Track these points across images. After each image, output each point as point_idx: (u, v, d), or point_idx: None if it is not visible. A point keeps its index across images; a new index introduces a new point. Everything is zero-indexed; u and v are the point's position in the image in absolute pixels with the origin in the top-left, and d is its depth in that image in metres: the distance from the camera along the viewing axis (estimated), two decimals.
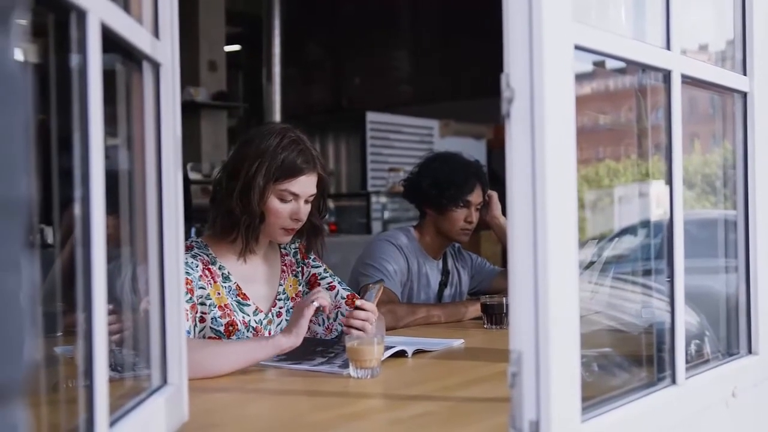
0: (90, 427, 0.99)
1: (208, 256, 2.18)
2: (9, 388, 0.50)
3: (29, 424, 0.56)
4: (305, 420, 1.54)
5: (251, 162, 2.13)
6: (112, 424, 1.07)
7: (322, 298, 1.97)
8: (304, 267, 2.38)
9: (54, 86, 1.05)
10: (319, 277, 2.37)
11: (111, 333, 1.09)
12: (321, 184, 2.24)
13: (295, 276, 2.36)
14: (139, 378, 1.38)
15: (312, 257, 2.40)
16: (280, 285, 2.31)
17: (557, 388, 1.15)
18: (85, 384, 1.01)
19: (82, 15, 0.97)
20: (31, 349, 0.53)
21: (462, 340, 2.33)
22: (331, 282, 2.36)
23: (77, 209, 0.99)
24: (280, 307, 2.29)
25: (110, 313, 1.06)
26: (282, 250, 2.37)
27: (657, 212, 1.93)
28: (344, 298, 2.32)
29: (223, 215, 2.17)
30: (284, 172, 2.14)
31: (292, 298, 2.32)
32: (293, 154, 2.14)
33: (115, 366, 1.27)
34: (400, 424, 1.49)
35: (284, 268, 2.34)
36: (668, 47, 1.48)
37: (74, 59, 0.99)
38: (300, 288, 2.35)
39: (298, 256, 2.38)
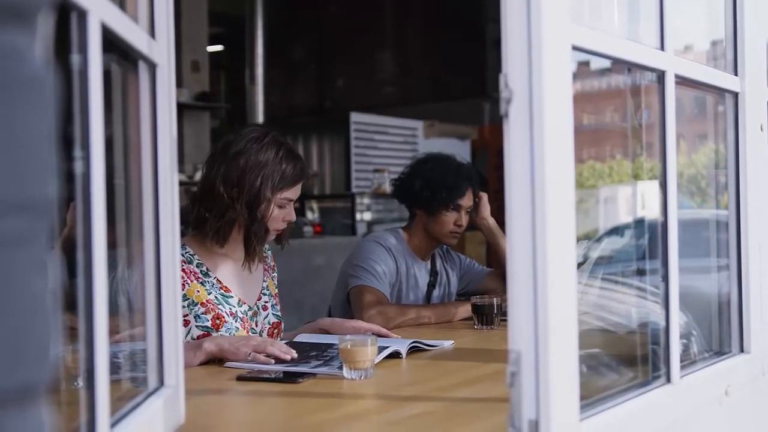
0: (91, 429, 0.98)
1: (183, 255, 2.22)
2: (36, 389, 0.50)
3: (54, 424, 0.56)
4: (301, 422, 1.53)
5: (254, 174, 2.20)
6: (112, 426, 1.07)
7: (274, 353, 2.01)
8: (272, 278, 2.47)
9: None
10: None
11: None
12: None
13: (271, 279, 2.46)
14: (135, 380, 1.37)
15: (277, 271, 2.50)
16: (264, 281, 2.40)
17: (556, 388, 1.15)
18: (85, 386, 1.00)
19: (82, 15, 0.96)
20: (56, 351, 0.53)
21: (452, 341, 2.34)
22: (272, 302, 2.43)
23: (78, 211, 0.98)
24: (265, 302, 2.37)
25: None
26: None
27: (644, 213, 1.94)
28: (270, 324, 2.38)
29: (227, 223, 2.22)
30: (286, 182, 2.25)
31: (274, 295, 2.42)
32: (291, 164, 2.25)
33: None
34: (399, 424, 1.49)
35: (266, 267, 2.43)
36: (662, 48, 1.49)
37: (74, 59, 0.99)
38: (276, 289, 2.46)
39: (272, 263, 2.49)
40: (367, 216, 7.39)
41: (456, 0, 8.79)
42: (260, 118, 8.92)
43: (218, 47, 10.23)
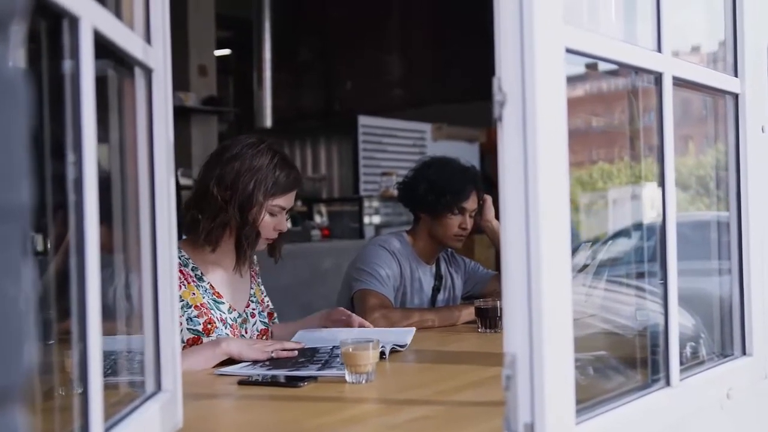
0: None
1: (180, 258, 2.24)
2: (9, 393, 0.50)
3: (29, 428, 0.56)
4: (301, 425, 1.53)
5: (247, 177, 2.23)
6: (107, 430, 1.07)
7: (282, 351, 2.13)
8: (258, 284, 2.49)
9: (45, 92, 1.04)
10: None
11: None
12: (297, 196, 2.39)
13: (258, 285, 2.48)
14: (132, 384, 1.37)
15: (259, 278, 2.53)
16: (251, 288, 2.43)
17: (551, 391, 1.15)
18: (80, 391, 1.00)
19: (74, 21, 0.97)
20: (31, 355, 0.53)
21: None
22: (258, 310, 2.45)
23: (71, 216, 0.98)
24: (253, 309, 2.41)
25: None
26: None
27: (651, 215, 1.93)
28: (258, 332, 2.41)
29: (218, 226, 2.25)
30: (279, 188, 2.27)
31: (260, 302, 2.45)
32: (285, 172, 2.28)
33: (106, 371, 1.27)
34: (397, 428, 1.49)
35: (252, 274, 2.47)
36: (659, 49, 1.48)
37: (66, 65, 0.99)
38: (262, 295, 2.49)
39: (257, 269, 2.51)
40: (376, 219, 7.39)
41: (461, 1, 8.77)
42: (268, 121, 8.93)
43: (225, 51, 10.24)
